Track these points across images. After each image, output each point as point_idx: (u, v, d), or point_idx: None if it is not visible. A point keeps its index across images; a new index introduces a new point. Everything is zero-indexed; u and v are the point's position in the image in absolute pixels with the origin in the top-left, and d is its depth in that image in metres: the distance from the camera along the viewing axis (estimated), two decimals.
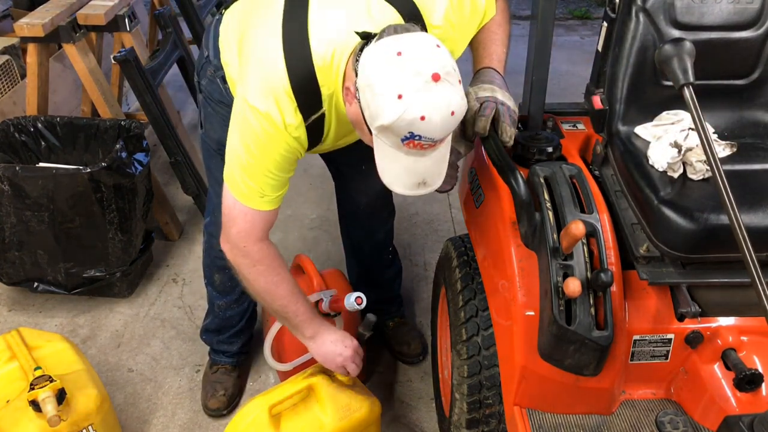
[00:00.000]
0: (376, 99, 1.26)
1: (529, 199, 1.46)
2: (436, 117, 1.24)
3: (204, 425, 2.25)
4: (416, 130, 1.25)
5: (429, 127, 1.25)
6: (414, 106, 1.23)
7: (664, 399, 1.57)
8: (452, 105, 1.26)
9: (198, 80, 1.84)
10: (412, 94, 1.23)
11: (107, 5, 2.82)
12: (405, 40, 1.28)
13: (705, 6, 1.61)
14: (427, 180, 1.38)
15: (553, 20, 1.72)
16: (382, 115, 1.26)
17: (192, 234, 3.11)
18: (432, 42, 1.30)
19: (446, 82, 1.25)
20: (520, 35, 5.58)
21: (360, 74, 1.31)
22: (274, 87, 1.43)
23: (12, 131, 2.70)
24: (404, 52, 1.26)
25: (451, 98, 1.26)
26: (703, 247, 1.42)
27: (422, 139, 1.27)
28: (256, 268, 1.65)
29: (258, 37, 1.51)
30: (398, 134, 1.27)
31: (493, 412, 1.77)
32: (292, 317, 1.74)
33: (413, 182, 1.37)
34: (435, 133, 1.27)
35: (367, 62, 1.30)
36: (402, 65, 1.25)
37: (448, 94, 1.25)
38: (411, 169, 1.34)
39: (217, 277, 2.15)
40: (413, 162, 1.33)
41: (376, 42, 1.31)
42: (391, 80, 1.25)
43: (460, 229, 3.11)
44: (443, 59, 1.27)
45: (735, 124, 1.67)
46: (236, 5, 1.71)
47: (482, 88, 1.57)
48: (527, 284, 1.50)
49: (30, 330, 2.01)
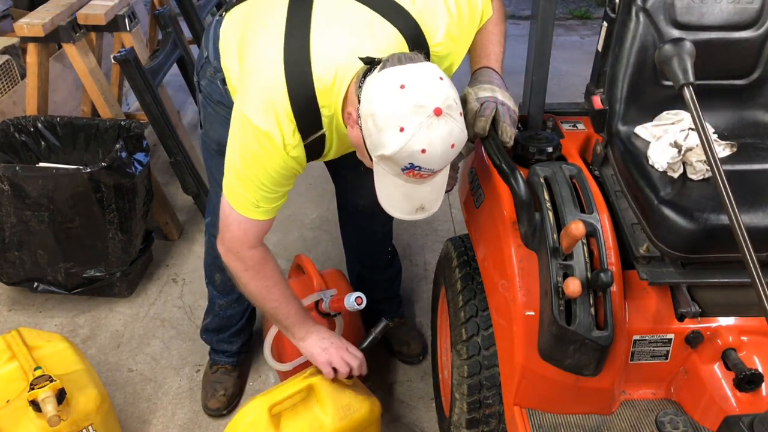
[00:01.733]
0: (378, 130, 1.28)
1: (529, 199, 1.46)
2: (436, 149, 1.27)
3: (204, 425, 2.25)
4: (416, 162, 1.28)
5: (429, 159, 1.28)
6: (415, 139, 1.25)
7: (664, 399, 1.57)
8: (452, 138, 1.28)
9: (198, 80, 1.84)
10: (414, 128, 1.25)
11: (107, 5, 2.82)
12: (408, 71, 1.30)
13: (705, 6, 1.61)
14: (425, 206, 1.40)
15: (553, 20, 1.73)
16: (384, 146, 1.28)
17: (192, 234, 3.11)
18: (435, 74, 1.31)
19: (448, 116, 1.27)
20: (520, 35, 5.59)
21: (362, 102, 1.32)
22: (274, 106, 1.43)
23: (12, 131, 2.70)
24: (407, 85, 1.27)
25: (452, 131, 1.28)
26: (703, 247, 1.42)
27: (422, 170, 1.30)
28: (248, 273, 1.67)
29: (259, 49, 1.50)
30: (399, 164, 1.29)
31: (493, 412, 1.77)
32: (283, 319, 1.77)
33: (412, 207, 1.40)
34: (434, 164, 1.30)
35: (370, 91, 1.31)
36: (405, 98, 1.26)
37: (448, 127, 1.27)
38: (410, 195, 1.37)
39: (217, 276, 2.15)
40: (412, 189, 1.36)
41: (379, 71, 1.32)
42: (394, 113, 1.26)
43: (460, 229, 3.11)
44: (445, 92, 1.29)
45: (735, 124, 1.67)
46: (238, 8, 1.70)
47: (482, 88, 1.57)
48: (527, 284, 1.50)
49: (30, 330, 2.01)
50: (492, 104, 1.53)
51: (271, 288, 1.71)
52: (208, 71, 1.76)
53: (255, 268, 1.66)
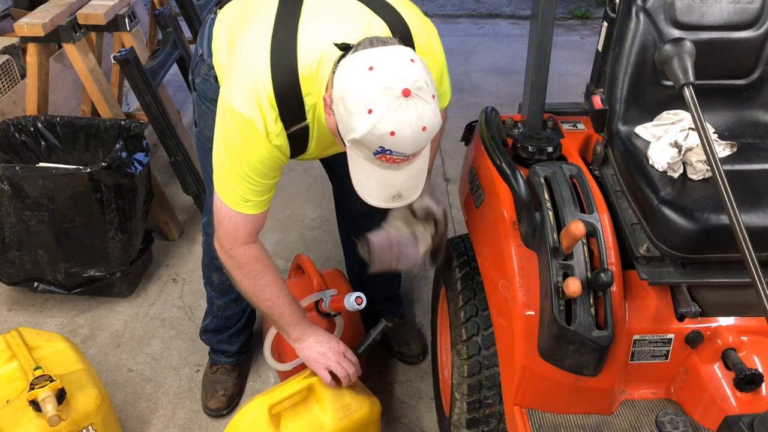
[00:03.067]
0: (348, 113, 1.26)
1: (529, 199, 1.46)
2: (406, 132, 1.24)
3: (204, 425, 2.25)
4: (387, 145, 1.25)
5: (399, 141, 1.25)
6: (383, 121, 1.23)
7: (664, 399, 1.57)
8: (423, 120, 1.25)
9: (192, 78, 1.85)
10: (382, 110, 1.22)
11: (107, 5, 2.82)
12: (379, 53, 1.28)
13: (705, 6, 1.61)
14: (402, 193, 1.37)
15: (553, 20, 1.72)
16: (354, 129, 1.26)
17: (192, 234, 3.11)
18: (407, 55, 1.29)
19: (417, 97, 1.24)
20: (520, 35, 5.62)
21: (335, 86, 1.31)
22: (257, 92, 1.42)
23: (12, 131, 2.70)
24: (376, 67, 1.25)
25: (423, 114, 1.25)
26: (703, 247, 1.42)
27: (393, 154, 1.27)
28: (241, 270, 1.66)
29: (248, 40, 1.51)
30: (369, 148, 1.27)
31: (493, 412, 1.77)
32: (277, 319, 1.76)
33: (388, 195, 1.36)
34: (406, 148, 1.26)
35: (341, 74, 1.30)
36: (373, 80, 1.24)
37: (418, 109, 1.24)
38: (385, 182, 1.34)
39: (215, 276, 2.15)
40: (387, 175, 1.33)
41: (351, 54, 1.31)
42: (362, 95, 1.24)
43: (460, 229, 3.11)
44: (416, 73, 1.25)
45: (735, 124, 1.67)
46: (230, 6, 1.71)
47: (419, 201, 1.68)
48: (527, 284, 1.50)
49: (30, 330, 2.01)
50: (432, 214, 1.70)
51: (265, 287, 1.69)
52: (202, 69, 1.78)
53: (247, 265, 1.65)
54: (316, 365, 1.78)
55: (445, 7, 6.04)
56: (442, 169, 3.55)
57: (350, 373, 1.79)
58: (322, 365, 1.77)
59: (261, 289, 1.69)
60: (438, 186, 3.42)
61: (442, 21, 5.76)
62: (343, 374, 1.78)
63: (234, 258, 1.64)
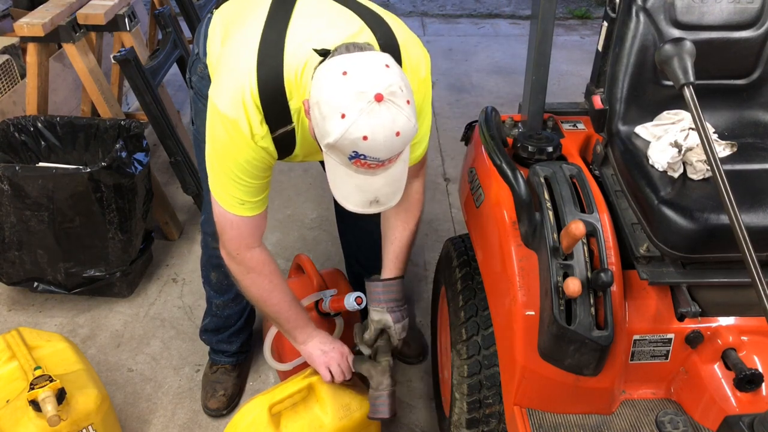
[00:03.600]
0: (322, 117, 1.26)
1: (529, 199, 1.46)
2: (379, 137, 1.24)
3: (204, 425, 2.25)
4: (360, 150, 1.25)
5: (372, 146, 1.24)
6: (356, 126, 1.23)
7: (664, 399, 1.57)
8: (397, 125, 1.24)
9: (189, 77, 1.87)
10: (355, 114, 1.22)
11: (107, 5, 2.82)
12: (353, 58, 1.28)
13: (705, 6, 1.61)
14: (380, 199, 1.37)
15: (553, 20, 1.73)
16: (327, 133, 1.26)
17: (192, 234, 3.11)
18: (381, 61, 1.28)
19: (390, 102, 1.23)
20: (520, 35, 5.62)
21: (312, 91, 1.31)
22: (242, 94, 1.42)
23: (12, 131, 2.70)
24: (350, 72, 1.25)
25: (396, 119, 1.24)
26: (703, 247, 1.42)
27: (368, 159, 1.26)
28: (249, 276, 1.67)
29: (237, 41, 1.52)
30: (344, 153, 1.27)
31: (493, 412, 1.76)
32: (284, 323, 1.78)
33: (365, 200, 1.36)
34: (379, 153, 1.26)
35: (317, 80, 1.30)
36: (346, 85, 1.24)
37: (391, 114, 1.24)
38: (362, 187, 1.34)
39: (213, 275, 2.15)
40: (364, 180, 1.32)
41: (328, 59, 1.31)
42: (335, 99, 1.24)
43: (460, 229, 3.11)
44: (390, 78, 1.25)
45: (735, 123, 1.67)
46: (225, 5, 1.73)
47: (374, 312, 1.78)
48: (527, 284, 1.50)
49: (30, 330, 2.01)
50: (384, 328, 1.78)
51: (273, 291, 1.71)
52: (198, 68, 1.79)
53: (256, 270, 1.66)
54: (317, 361, 1.80)
55: (445, 7, 6.04)
56: (442, 169, 3.55)
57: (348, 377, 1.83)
58: (323, 363, 1.79)
59: (269, 293, 1.70)
60: (438, 186, 3.42)
61: (442, 21, 5.76)
62: (340, 376, 1.81)
63: (242, 263, 1.65)
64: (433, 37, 5.36)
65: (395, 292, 1.79)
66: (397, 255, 1.79)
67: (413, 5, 6.09)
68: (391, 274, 1.80)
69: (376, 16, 1.54)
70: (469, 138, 2.08)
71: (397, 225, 1.78)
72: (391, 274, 1.80)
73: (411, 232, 1.80)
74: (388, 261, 1.81)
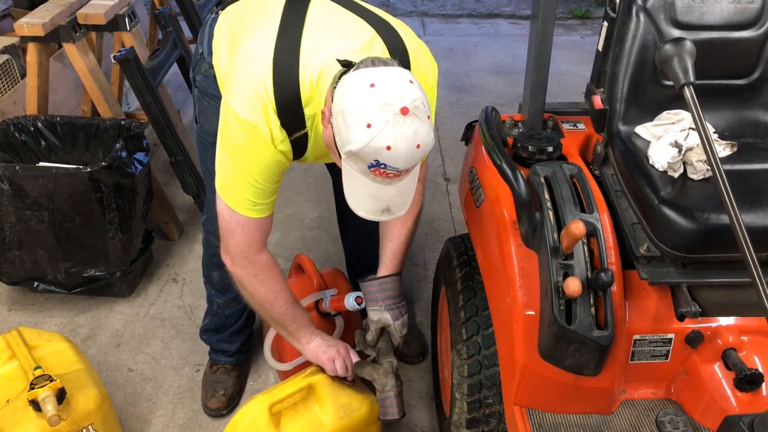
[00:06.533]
0: (347, 126, 1.30)
1: (529, 199, 1.46)
2: (401, 147, 1.28)
3: (204, 425, 2.25)
4: (382, 159, 1.29)
5: (394, 156, 1.28)
6: (381, 135, 1.27)
7: (664, 399, 1.57)
8: (418, 138, 1.29)
9: (193, 76, 1.88)
10: (381, 125, 1.26)
11: (107, 5, 2.82)
12: (380, 72, 1.32)
13: (705, 6, 1.61)
14: (391, 208, 1.41)
15: (554, 20, 1.73)
16: (351, 141, 1.29)
17: (192, 233, 3.11)
18: (405, 77, 1.33)
19: (414, 116, 1.28)
20: (520, 35, 5.62)
21: (335, 100, 1.34)
22: (262, 101, 1.46)
23: (12, 131, 2.70)
24: (377, 84, 1.29)
25: (418, 132, 1.29)
26: (703, 247, 1.42)
27: (387, 168, 1.30)
28: (257, 278, 1.68)
29: (251, 45, 1.54)
30: (365, 161, 1.30)
31: (493, 412, 1.77)
32: (289, 324, 1.79)
33: (377, 208, 1.40)
34: (399, 163, 1.30)
35: (342, 90, 1.33)
36: (373, 96, 1.28)
37: (414, 127, 1.28)
38: (376, 195, 1.38)
39: (215, 274, 2.15)
40: (378, 189, 1.36)
41: (353, 71, 1.35)
42: (362, 109, 1.28)
43: (460, 228, 3.11)
44: (414, 93, 1.30)
45: (735, 123, 1.67)
46: (232, 7, 1.74)
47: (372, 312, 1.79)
48: (527, 284, 1.50)
49: (30, 329, 2.01)
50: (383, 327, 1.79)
51: (279, 293, 1.72)
52: (203, 67, 1.80)
53: (264, 272, 1.68)
54: (323, 357, 1.82)
55: (445, 7, 6.04)
56: (442, 169, 3.55)
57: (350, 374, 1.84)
58: (329, 357, 1.82)
59: (276, 294, 1.72)
60: (438, 186, 3.42)
61: (442, 21, 5.76)
62: (343, 372, 1.82)
63: (252, 266, 1.66)
64: (433, 37, 5.36)
65: (391, 289, 1.79)
66: (395, 252, 1.81)
67: (413, 5, 6.09)
68: (388, 272, 1.81)
69: (386, 23, 1.57)
70: (469, 138, 2.08)
71: (396, 223, 1.79)
72: (388, 271, 1.81)
73: (409, 230, 1.81)
74: (385, 258, 1.82)
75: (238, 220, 1.59)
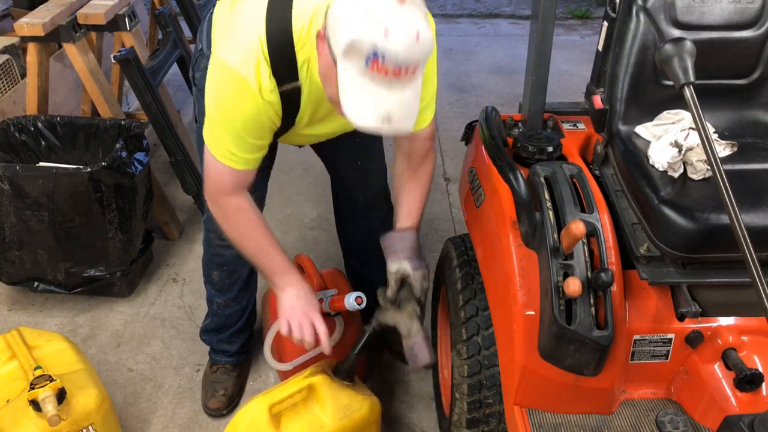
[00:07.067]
0: (344, 20, 1.28)
1: (529, 199, 1.46)
2: (401, 32, 1.25)
3: (204, 425, 2.25)
4: (379, 48, 1.25)
5: (392, 44, 1.25)
6: (379, 21, 1.25)
7: (664, 399, 1.57)
8: (416, 26, 1.26)
9: (193, 74, 1.88)
10: (378, 11, 1.25)
11: (107, 5, 2.82)
12: None
13: (705, 6, 1.61)
14: (392, 117, 1.33)
15: (554, 20, 1.73)
16: (348, 29, 1.26)
17: (192, 233, 3.11)
18: None
19: (412, 4, 1.28)
20: (520, 35, 5.61)
21: (329, 12, 1.33)
22: (250, 47, 1.46)
23: (12, 131, 2.70)
24: None
25: (416, 20, 1.27)
26: (703, 247, 1.42)
27: (386, 61, 1.26)
28: (227, 220, 1.73)
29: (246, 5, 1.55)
30: (363, 51, 1.26)
31: (493, 412, 1.77)
32: (263, 267, 1.82)
33: (378, 115, 1.33)
34: (398, 53, 1.26)
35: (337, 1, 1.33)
36: None
37: (412, 14, 1.27)
38: (375, 100, 1.32)
39: (215, 274, 2.15)
40: (377, 93, 1.31)
41: None
42: (359, 3, 1.27)
43: (460, 228, 3.11)
44: None
45: (735, 123, 1.67)
46: None
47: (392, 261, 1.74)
48: (527, 284, 1.50)
49: (30, 329, 2.01)
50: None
51: (249, 236, 1.75)
52: (202, 63, 1.79)
53: (230, 214, 1.71)
54: (281, 313, 1.80)
55: (445, 7, 6.05)
56: (442, 169, 3.55)
57: (307, 341, 1.78)
58: (286, 316, 1.79)
59: (246, 238, 1.76)
60: (438, 186, 3.42)
61: (442, 21, 5.76)
62: (297, 336, 1.77)
63: (221, 207, 1.71)
64: None
65: (410, 240, 1.76)
66: (411, 207, 1.80)
67: None
68: (405, 225, 1.79)
69: None
70: (469, 138, 2.08)
71: (411, 180, 1.79)
72: (405, 224, 1.79)
73: (424, 186, 1.80)
74: (402, 213, 1.81)
75: (214, 164, 1.62)
